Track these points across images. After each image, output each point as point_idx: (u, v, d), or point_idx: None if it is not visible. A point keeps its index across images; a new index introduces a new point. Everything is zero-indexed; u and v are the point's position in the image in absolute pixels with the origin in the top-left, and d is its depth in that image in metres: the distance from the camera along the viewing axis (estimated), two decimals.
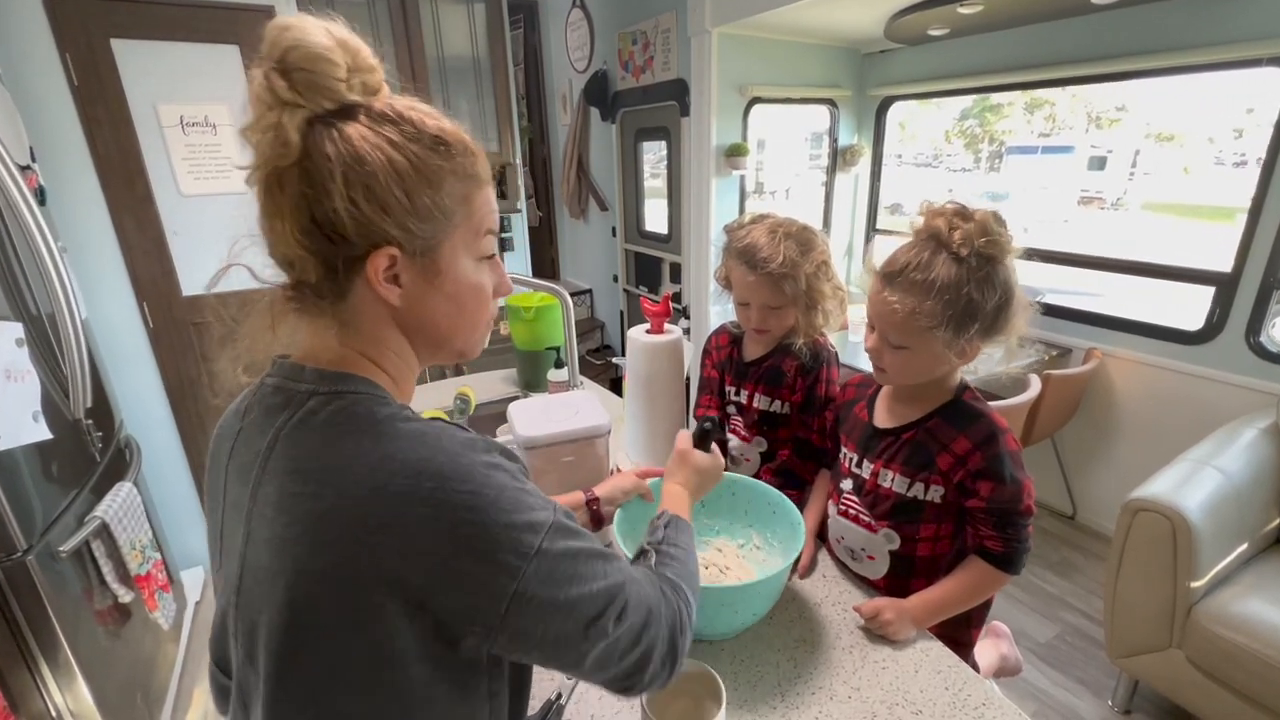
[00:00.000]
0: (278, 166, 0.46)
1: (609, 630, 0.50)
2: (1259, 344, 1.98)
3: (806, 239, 1.10)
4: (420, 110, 0.51)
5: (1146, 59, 2.10)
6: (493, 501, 0.46)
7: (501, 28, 2.93)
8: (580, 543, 0.51)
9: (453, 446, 0.48)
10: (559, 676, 0.81)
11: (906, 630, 0.89)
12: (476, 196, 0.53)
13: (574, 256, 4.64)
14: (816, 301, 1.11)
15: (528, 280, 1.53)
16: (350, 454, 0.46)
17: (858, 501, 0.99)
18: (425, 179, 0.49)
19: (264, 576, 0.47)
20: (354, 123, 0.47)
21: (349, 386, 0.50)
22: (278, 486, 0.48)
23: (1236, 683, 1.42)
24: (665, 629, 0.55)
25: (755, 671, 0.82)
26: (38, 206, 1.23)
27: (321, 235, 0.48)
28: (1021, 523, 0.89)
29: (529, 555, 0.46)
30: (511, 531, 0.46)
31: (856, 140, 3.25)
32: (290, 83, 0.45)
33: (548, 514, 0.49)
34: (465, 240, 0.53)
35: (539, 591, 0.46)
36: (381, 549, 0.44)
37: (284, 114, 0.45)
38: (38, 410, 1.26)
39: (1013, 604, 2.10)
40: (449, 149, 0.50)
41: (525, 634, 0.47)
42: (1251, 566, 1.59)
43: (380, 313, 0.52)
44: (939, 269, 0.80)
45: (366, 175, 0.46)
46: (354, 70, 0.48)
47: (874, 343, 0.90)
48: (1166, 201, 8.91)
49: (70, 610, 1.29)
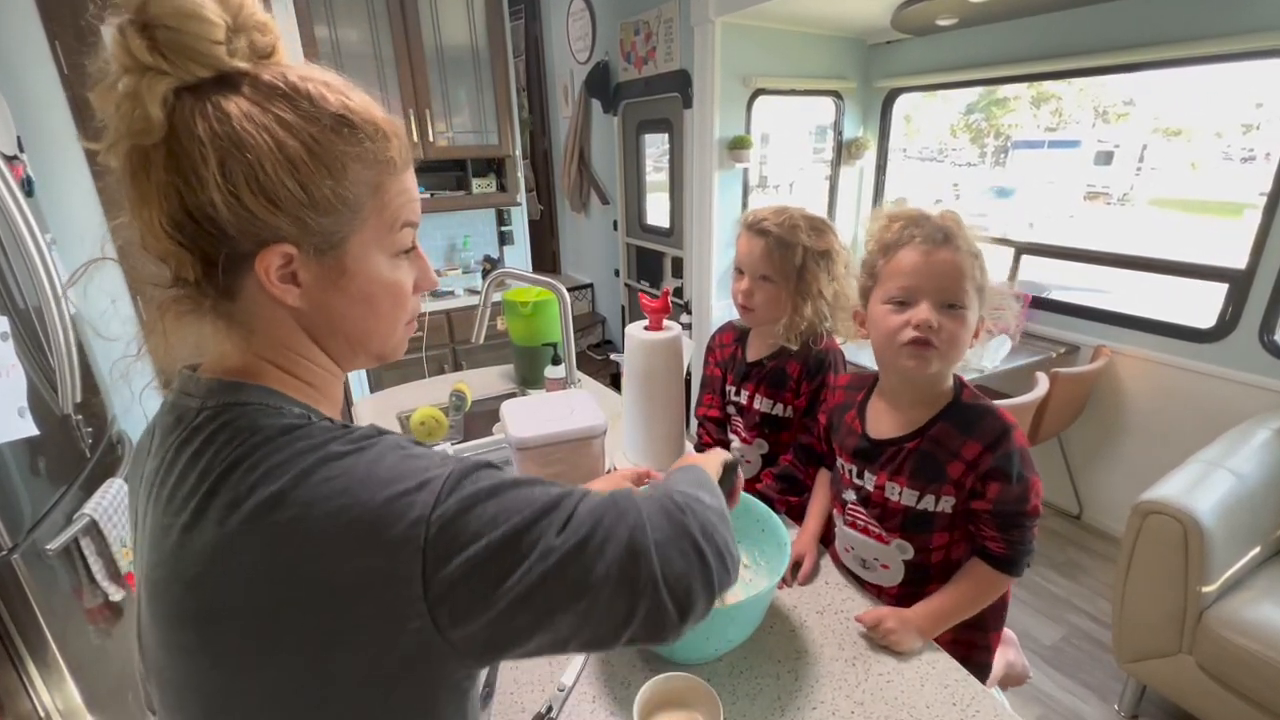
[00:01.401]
0: (139, 145, 0.39)
1: (549, 548, 0.40)
2: (1273, 342, 1.93)
3: (819, 225, 1.08)
4: (320, 82, 0.43)
5: (1155, 50, 2.05)
6: (364, 480, 0.39)
7: (501, 17, 2.89)
8: (493, 480, 0.42)
9: (321, 438, 0.42)
10: (549, 687, 0.78)
11: (911, 641, 0.85)
12: (390, 185, 0.46)
13: (575, 250, 4.60)
14: (809, 288, 1.07)
15: (525, 275, 1.50)
16: (217, 473, 0.41)
17: (865, 514, 0.95)
18: (324, 166, 0.41)
19: (148, 622, 0.44)
20: (236, 96, 0.39)
21: (240, 398, 0.44)
22: (154, 518, 0.43)
23: (1249, 689, 1.38)
24: (640, 518, 0.44)
25: (754, 684, 0.79)
26: (25, 198, 1.20)
27: (197, 229, 0.41)
28: (1026, 524, 0.85)
29: (424, 517, 0.39)
30: (395, 503, 0.39)
31: (862, 133, 3.21)
32: (152, 42, 0.37)
33: (444, 469, 0.42)
34: (377, 235, 0.46)
35: (453, 547, 0.39)
36: (262, 575, 0.38)
37: (143, 81, 0.37)
38: (24, 406, 1.24)
39: (1018, 605, 2.06)
40: (355, 130, 0.43)
41: (463, 598, 0.39)
42: (1265, 570, 1.55)
43: (279, 315, 0.45)
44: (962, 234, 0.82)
45: (249, 162, 0.39)
46: (236, 30, 0.40)
47: (927, 313, 0.80)
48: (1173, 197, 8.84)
49: (59, 609, 1.27)
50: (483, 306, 1.42)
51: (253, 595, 0.39)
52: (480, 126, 2.98)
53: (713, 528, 0.47)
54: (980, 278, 0.82)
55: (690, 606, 0.43)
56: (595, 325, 4.29)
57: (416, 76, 2.72)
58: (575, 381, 1.57)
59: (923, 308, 0.81)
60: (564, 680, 0.79)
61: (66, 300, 1.29)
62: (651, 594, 0.42)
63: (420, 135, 2.78)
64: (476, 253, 3.32)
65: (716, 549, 0.46)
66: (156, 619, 0.44)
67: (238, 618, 0.39)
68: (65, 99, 1.86)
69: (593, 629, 0.42)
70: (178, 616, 0.42)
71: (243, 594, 0.39)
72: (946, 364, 0.85)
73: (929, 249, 0.81)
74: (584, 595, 0.41)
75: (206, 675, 0.42)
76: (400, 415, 1.65)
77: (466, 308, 2.97)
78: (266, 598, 0.39)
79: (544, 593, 0.40)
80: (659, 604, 0.42)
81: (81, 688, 1.29)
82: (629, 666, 0.82)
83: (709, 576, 0.45)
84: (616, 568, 0.41)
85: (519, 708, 0.76)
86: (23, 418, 1.24)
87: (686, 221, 3.10)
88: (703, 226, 2.88)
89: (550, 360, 1.64)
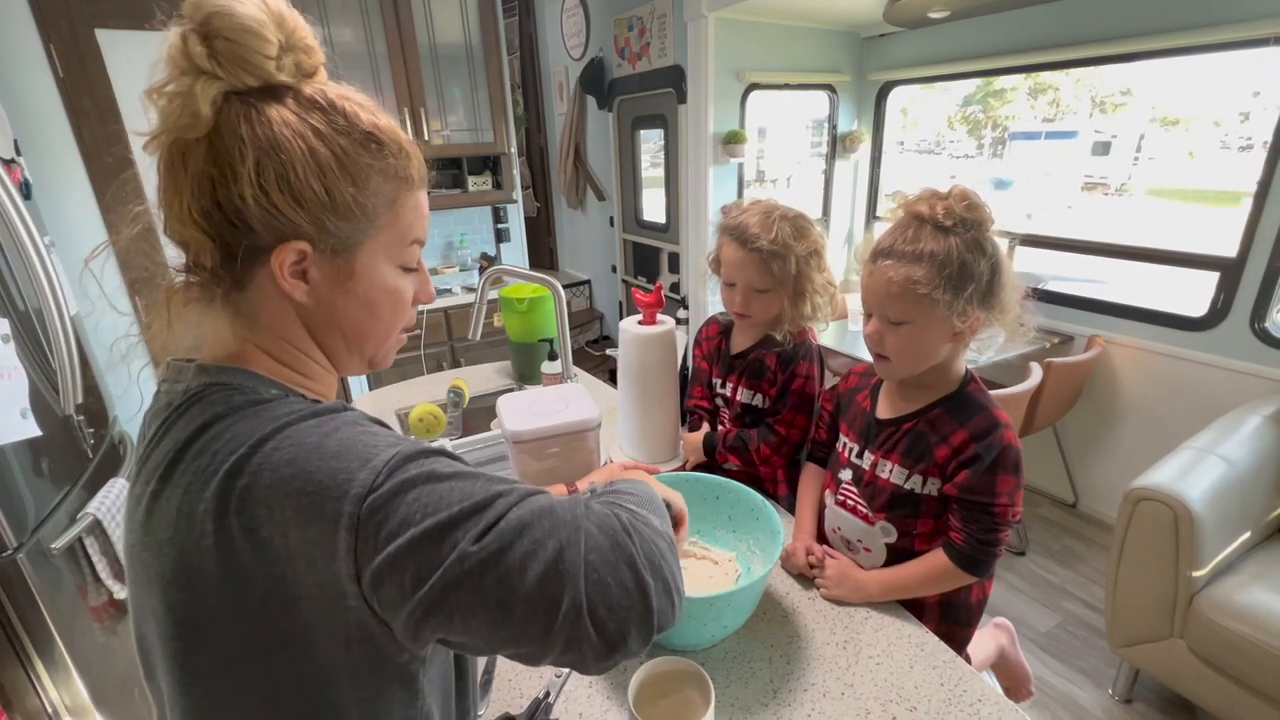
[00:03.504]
0: (182, 138, 0.43)
1: (465, 553, 0.39)
2: (1264, 330, 1.95)
3: (802, 225, 1.09)
4: (355, 101, 0.47)
5: (1148, 40, 2.06)
6: (314, 450, 0.41)
7: (494, 14, 2.89)
8: (433, 468, 0.42)
9: (280, 413, 0.43)
10: (547, 674, 0.80)
11: (842, 593, 0.92)
12: (405, 200, 0.50)
13: (572, 247, 4.61)
14: (804, 290, 1.09)
15: (521, 272, 1.51)
16: (182, 445, 0.43)
17: (856, 492, 0.98)
18: (349, 175, 0.45)
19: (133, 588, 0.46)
20: (278, 105, 0.44)
21: (221, 379, 0.46)
22: (132, 491, 0.46)
23: (1238, 672, 1.40)
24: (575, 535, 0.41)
25: (747, 668, 0.81)
26: (23, 201, 1.21)
27: (224, 219, 0.44)
28: (989, 522, 0.85)
29: (361, 496, 0.39)
30: (337, 476, 0.39)
31: (856, 126, 3.21)
32: (210, 50, 0.41)
33: (391, 450, 0.42)
34: (388, 245, 0.50)
35: (381, 534, 0.39)
36: (216, 539, 0.40)
37: (198, 83, 0.42)
38: (26, 407, 1.25)
39: (1014, 593, 2.09)
40: (381, 147, 0.47)
41: (388, 589, 0.39)
42: (1255, 555, 1.57)
43: (283, 308, 0.49)
44: (926, 241, 0.81)
45: (282, 163, 0.43)
46: (287, 49, 0.44)
47: (874, 327, 0.87)
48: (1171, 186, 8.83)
49: (64, 607, 1.28)
50: (479, 304, 1.43)
51: (211, 559, 0.41)
52: (475, 124, 2.98)
53: (660, 556, 0.44)
54: (930, 284, 0.80)
55: (620, 642, 0.40)
56: (593, 321, 4.30)
57: (411, 74, 2.72)
58: (571, 377, 1.58)
59: (872, 321, 0.88)
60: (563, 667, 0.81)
61: (66, 301, 1.30)
62: (573, 622, 0.39)
63: (415, 133, 2.79)
64: (473, 250, 3.33)
65: (663, 581, 0.43)
66: (134, 585, 0.46)
67: (199, 581, 0.41)
68: (61, 103, 1.87)
69: (513, 645, 0.40)
70: (147, 580, 0.44)
71: (202, 558, 0.41)
72: (907, 372, 0.89)
73: (871, 266, 0.86)
74: (498, 608, 0.39)
75: (170, 641, 0.44)
76: (399, 412, 1.66)
77: (463, 305, 2.98)
78: (223, 562, 0.40)
79: (459, 598, 0.39)
80: (580, 634, 0.39)
81: (88, 684, 1.31)
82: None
83: (648, 611, 0.41)
84: (536, 585, 0.39)
85: (517, 693, 0.78)
86: (25, 419, 1.25)
87: (683, 216, 3.11)
88: (699, 221, 2.89)
89: (546, 356, 1.66)
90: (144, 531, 0.44)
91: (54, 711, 1.28)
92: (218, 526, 0.40)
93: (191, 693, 0.44)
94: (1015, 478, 0.85)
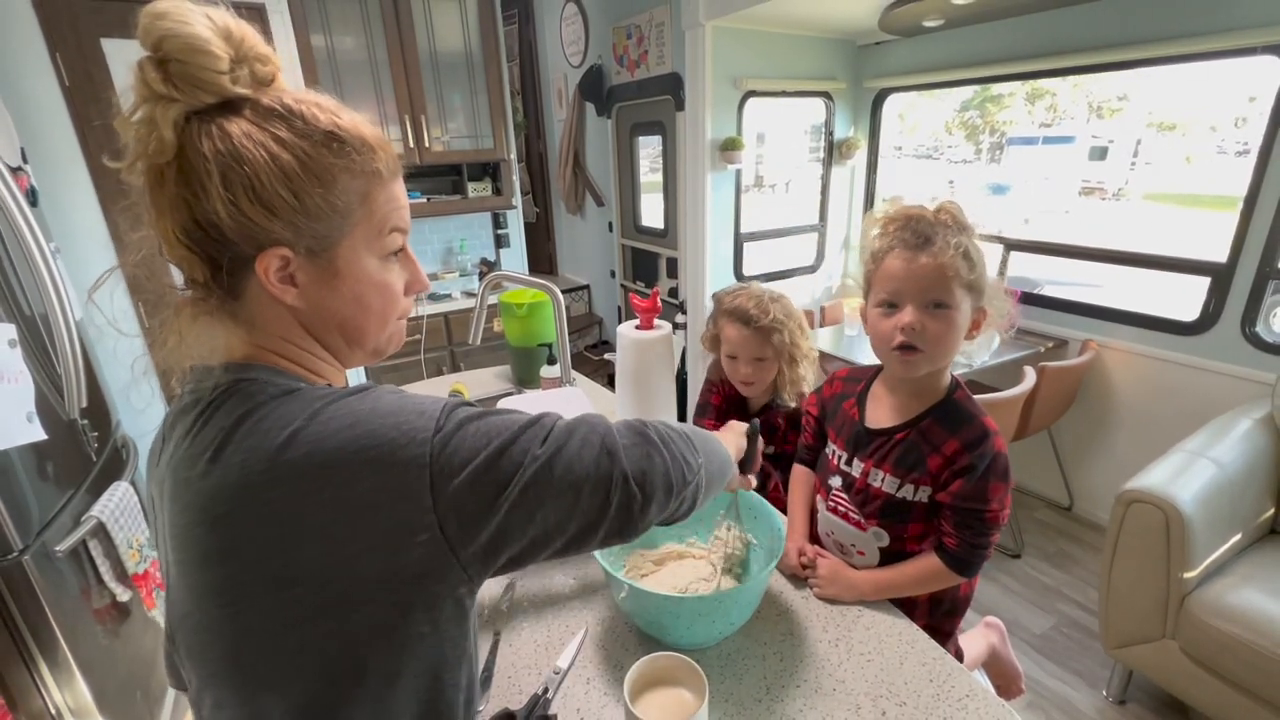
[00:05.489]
0: (154, 164, 0.44)
1: (535, 454, 0.47)
2: (1255, 334, 1.97)
3: (787, 305, 1.25)
4: (313, 103, 0.48)
5: (1141, 48, 2.09)
6: (370, 412, 0.45)
7: (494, 22, 2.93)
8: (478, 409, 0.49)
9: (322, 392, 0.47)
10: (546, 670, 0.82)
11: (834, 591, 0.94)
12: (378, 193, 0.51)
13: (571, 252, 4.63)
14: (797, 356, 1.24)
15: (520, 277, 1.53)
16: (226, 428, 0.46)
17: (847, 499, 0.99)
18: (315, 177, 0.46)
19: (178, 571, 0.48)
20: (238, 118, 0.45)
21: (249, 374, 0.49)
22: (175, 479, 0.48)
23: (1230, 673, 1.42)
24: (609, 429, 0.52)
25: (741, 665, 0.83)
26: (29, 208, 1.23)
27: (204, 235, 0.46)
28: (980, 526, 0.88)
29: (429, 439, 0.44)
30: (402, 427, 0.44)
31: (853, 133, 3.24)
32: (165, 74, 0.42)
33: (439, 403, 0.48)
34: (366, 239, 0.51)
35: (455, 462, 0.44)
36: (274, 509, 0.43)
37: (158, 108, 0.43)
38: (32, 411, 1.27)
39: (1008, 595, 2.10)
40: (344, 144, 0.48)
41: (469, 508, 0.45)
42: (1245, 556, 1.59)
43: (279, 312, 0.51)
44: (956, 235, 0.84)
45: (247, 175, 0.44)
46: (239, 61, 0.45)
47: (913, 316, 0.83)
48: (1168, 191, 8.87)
49: (68, 609, 1.30)
50: (479, 309, 1.45)
51: (273, 527, 0.43)
52: (475, 131, 3.01)
53: (669, 439, 0.55)
54: (970, 274, 0.83)
55: (651, 496, 0.51)
56: (592, 326, 4.32)
57: (411, 82, 2.75)
58: (570, 381, 1.60)
59: (907, 311, 0.85)
60: (560, 663, 0.82)
61: (71, 307, 1.32)
62: (623, 486, 0.50)
63: (416, 140, 2.81)
64: (473, 256, 3.36)
65: (671, 454, 0.54)
66: (183, 566, 0.47)
67: (259, 549, 0.43)
68: (67, 111, 1.90)
69: (577, 522, 0.49)
70: (204, 556, 0.45)
71: (263, 527, 0.43)
72: (935, 364, 0.88)
73: (911, 254, 0.84)
74: (568, 491, 0.48)
75: (228, 616, 0.45)
76: None
77: (463, 310, 3.00)
78: (286, 527, 0.43)
79: (536, 492, 0.46)
80: (629, 494, 0.50)
81: (91, 686, 1.32)
82: (623, 650, 0.86)
83: (666, 471, 0.53)
84: (594, 465, 0.49)
85: (516, 689, 0.80)
86: (31, 423, 1.27)
87: (681, 222, 3.13)
88: (697, 227, 2.92)
89: (546, 360, 1.68)
90: (199, 510, 0.45)
91: (57, 713, 1.29)
92: (281, 494, 0.43)
93: (243, 662, 0.46)
94: (1005, 484, 0.87)
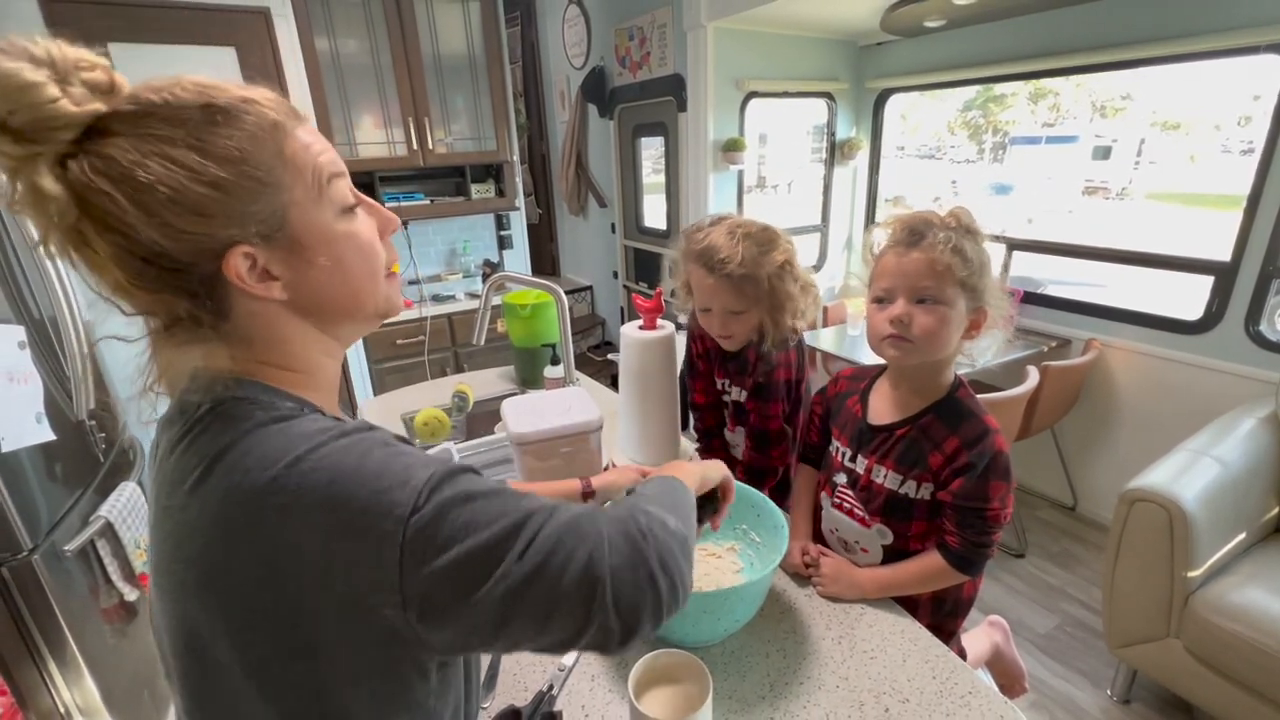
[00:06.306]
0: (66, 226, 0.40)
1: (510, 570, 0.43)
2: (1258, 333, 1.97)
3: (766, 239, 1.06)
4: (172, 85, 0.42)
5: (1143, 48, 2.09)
6: (353, 471, 0.42)
7: (496, 24, 2.94)
8: (473, 486, 0.45)
9: (314, 431, 0.44)
10: (550, 668, 0.82)
11: (838, 590, 0.95)
12: (290, 145, 0.46)
13: (574, 253, 4.64)
14: (782, 303, 1.08)
15: (524, 278, 1.54)
16: (209, 457, 0.43)
17: (852, 495, 1.00)
18: (223, 158, 0.42)
19: (157, 594, 0.47)
20: (110, 139, 0.40)
21: (237, 393, 0.46)
22: (158, 503, 0.47)
23: (1234, 672, 1.42)
24: (600, 543, 0.45)
25: (745, 662, 0.83)
26: None
27: (158, 271, 0.42)
28: (981, 525, 0.88)
29: (404, 517, 0.41)
30: (381, 497, 0.41)
31: (854, 133, 3.24)
32: (12, 134, 0.38)
33: (426, 471, 0.43)
34: (310, 197, 0.47)
35: (429, 552, 0.41)
36: (248, 552, 0.41)
37: (27, 172, 0.38)
38: (41, 412, 1.28)
39: (1012, 595, 2.10)
40: (226, 113, 0.43)
41: (435, 602, 0.42)
42: (1250, 555, 1.58)
43: (272, 312, 0.48)
44: (956, 237, 0.85)
45: (157, 188, 0.40)
46: (64, 79, 0.39)
47: (901, 309, 0.86)
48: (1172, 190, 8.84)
49: (77, 608, 1.31)
50: (483, 309, 1.46)
51: (247, 570, 0.42)
52: (478, 133, 3.02)
53: (670, 556, 0.49)
54: (964, 271, 0.84)
55: (636, 630, 0.46)
56: (595, 327, 4.33)
57: (415, 84, 2.76)
58: (574, 381, 1.61)
59: (898, 304, 0.87)
60: (565, 660, 0.83)
61: (79, 308, 1.33)
62: (601, 617, 0.44)
63: (419, 142, 2.82)
64: (476, 257, 3.37)
65: (670, 581, 0.48)
66: (160, 592, 0.47)
67: (231, 591, 0.42)
68: None
69: (548, 639, 0.45)
70: (177, 588, 0.45)
71: (238, 568, 0.42)
72: (925, 356, 0.88)
73: (903, 250, 0.87)
74: (541, 612, 0.43)
75: (192, 646, 0.45)
76: (404, 416, 1.69)
77: (467, 311, 3.01)
78: (260, 572, 0.42)
79: (505, 608, 0.42)
80: (607, 626, 0.45)
81: (99, 685, 1.33)
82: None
83: (659, 606, 0.47)
84: (574, 589, 0.44)
85: (521, 686, 0.80)
86: (40, 424, 1.28)
87: (683, 223, 3.14)
88: None
89: (549, 361, 1.68)
90: (175, 543, 0.45)
91: (66, 711, 1.30)
92: (255, 539, 0.41)
93: (209, 703, 0.46)
94: (1006, 482, 0.88)
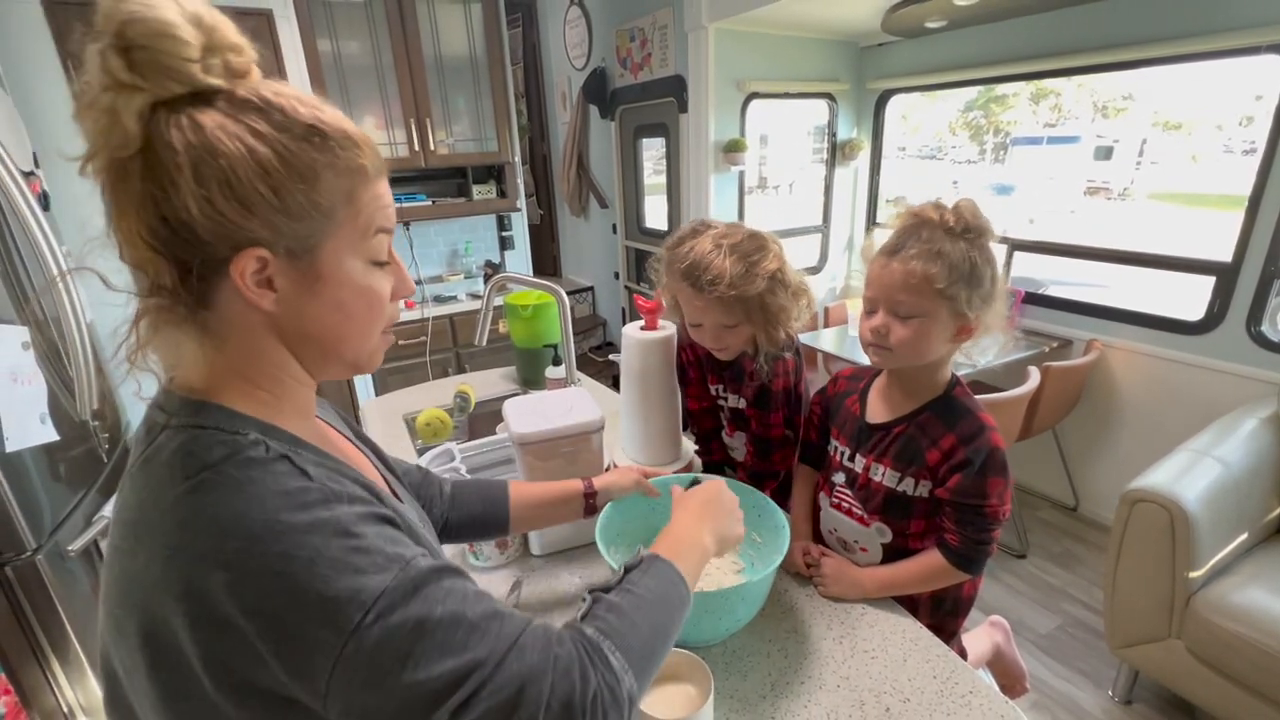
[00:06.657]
0: (116, 158, 0.41)
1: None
2: (1260, 333, 1.97)
3: (753, 248, 1.01)
4: (293, 97, 0.45)
5: (1145, 48, 2.09)
6: (307, 565, 0.40)
7: (498, 26, 2.94)
8: (429, 612, 0.43)
9: (275, 500, 0.42)
10: None
11: (839, 590, 0.95)
12: (363, 193, 0.48)
13: (575, 254, 4.65)
14: (775, 315, 1.05)
15: (525, 279, 1.54)
16: (164, 506, 0.42)
17: (850, 495, 1.00)
18: (297, 174, 0.43)
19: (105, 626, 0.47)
20: (210, 110, 0.42)
21: (199, 420, 0.45)
22: (111, 540, 0.46)
23: (1236, 672, 1.42)
24: (537, 714, 0.43)
25: (746, 662, 0.83)
26: (42, 212, 1.25)
27: (172, 235, 0.42)
28: (980, 522, 0.88)
29: (346, 632, 0.40)
30: (327, 605, 0.40)
31: (856, 134, 3.25)
32: (128, 62, 0.39)
33: (384, 578, 0.42)
34: (351, 241, 0.48)
35: (361, 672, 0.40)
36: (185, 616, 0.40)
37: (119, 98, 0.39)
38: (44, 412, 1.28)
39: (1014, 595, 2.10)
40: (327, 140, 0.45)
41: (358, 712, 0.41)
42: (1251, 556, 1.58)
43: (254, 321, 0.47)
44: (940, 242, 0.83)
45: (223, 169, 0.41)
46: (211, 50, 0.42)
47: (880, 320, 0.87)
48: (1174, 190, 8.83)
49: (80, 608, 1.31)
50: (485, 310, 1.47)
51: (178, 633, 0.41)
52: (480, 134, 3.03)
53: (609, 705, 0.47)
54: (943, 282, 0.82)
55: None
56: (596, 327, 4.34)
57: (416, 86, 2.77)
58: (575, 381, 1.61)
59: (879, 315, 0.88)
60: None
61: (83, 309, 1.34)
62: None
63: (421, 143, 2.83)
64: (478, 258, 3.37)
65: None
66: (107, 630, 0.47)
67: (159, 646, 0.42)
68: None
69: None
70: (118, 633, 0.45)
71: (168, 630, 0.41)
72: (904, 362, 0.90)
73: (885, 260, 0.87)
74: None
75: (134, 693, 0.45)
76: (406, 417, 1.69)
77: (469, 312, 3.02)
78: (190, 638, 0.41)
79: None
80: None
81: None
82: None
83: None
84: None
85: None
86: (44, 424, 1.28)
87: (684, 223, 3.14)
88: None
89: (551, 361, 1.69)
90: (118, 594, 0.44)
91: (69, 711, 1.31)
92: (191, 609, 0.40)
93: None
94: (1004, 479, 0.87)
